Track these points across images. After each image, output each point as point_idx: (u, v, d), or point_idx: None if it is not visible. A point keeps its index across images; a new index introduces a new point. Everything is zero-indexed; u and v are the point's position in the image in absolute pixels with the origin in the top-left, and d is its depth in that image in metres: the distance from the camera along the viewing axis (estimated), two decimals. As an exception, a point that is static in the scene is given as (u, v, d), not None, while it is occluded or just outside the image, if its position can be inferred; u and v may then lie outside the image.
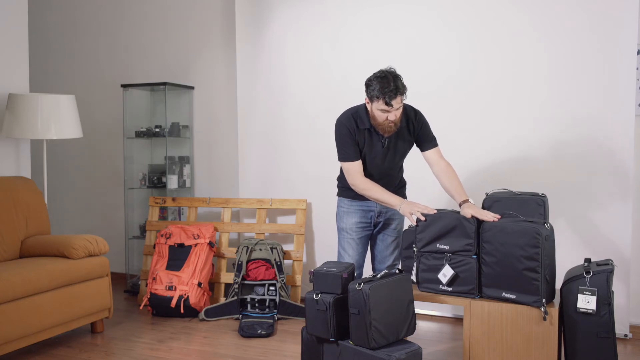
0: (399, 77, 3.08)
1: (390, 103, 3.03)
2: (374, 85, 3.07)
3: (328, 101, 4.59)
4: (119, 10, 5.58)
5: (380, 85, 3.04)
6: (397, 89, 3.03)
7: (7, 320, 3.35)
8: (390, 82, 3.03)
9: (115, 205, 5.61)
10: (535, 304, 2.84)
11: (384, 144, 3.23)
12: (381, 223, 3.39)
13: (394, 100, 3.03)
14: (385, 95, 3.02)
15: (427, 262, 3.10)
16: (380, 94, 3.03)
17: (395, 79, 3.06)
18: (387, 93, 3.02)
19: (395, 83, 3.03)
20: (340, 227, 3.43)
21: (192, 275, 4.44)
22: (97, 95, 5.65)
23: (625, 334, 3.90)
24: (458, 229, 3.01)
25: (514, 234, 2.83)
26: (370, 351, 2.68)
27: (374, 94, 3.06)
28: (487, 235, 2.91)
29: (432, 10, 4.28)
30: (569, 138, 3.96)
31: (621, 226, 3.85)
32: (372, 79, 3.10)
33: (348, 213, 3.38)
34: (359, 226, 3.37)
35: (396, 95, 3.03)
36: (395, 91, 3.02)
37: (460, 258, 2.99)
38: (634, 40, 3.76)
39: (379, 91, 3.03)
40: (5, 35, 4.42)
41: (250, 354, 3.70)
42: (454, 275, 3.00)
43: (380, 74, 3.08)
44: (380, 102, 3.05)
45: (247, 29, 4.86)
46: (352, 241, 3.38)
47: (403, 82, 3.09)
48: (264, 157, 4.90)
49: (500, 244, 2.86)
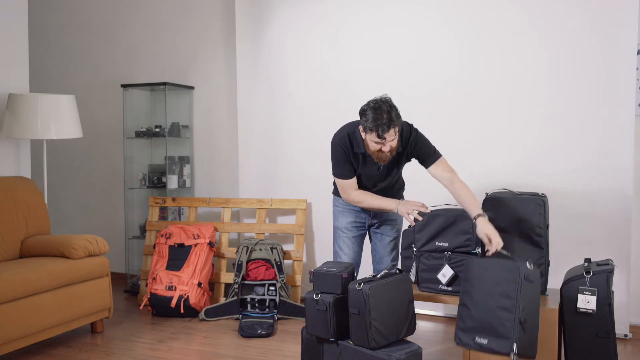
0: (393, 108, 2.93)
1: (383, 136, 2.91)
2: (367, 116, 2.93)
3: (328, 101, 4.60)
4: (119, 10, 5.58)
5: (373, 117, 2.90)
6: (391, 122, 2.89)
7: (7, 320, 3.35)
8: (384, 113, 2.89)
9: (115, 205, 5.61)
10: (504, 349, 2.58)
11: (379, 168, 3.17)
12: (377, 223, 3.39)
13: (386, 133, 2.90)
14: (379, 129, 2.89)
15: (426, 262, 3.10)
16: (373, 127, 2.90)
17: (390, 110, 2.91)
18: (380, 126, 2.88)
19: (389, 114, 2.89)
20: (335, 226, 3.44)
21: (192, 275, 4.44)
22: (97, 95, 5.65)
23: (625, 334, 3.90)
24: (456, 225, 3.02)
25: (493, 269, 2.71)
26: (370, 351, 2.67)
27: (367, 125, 2.93)
28: (465, 269, 2.82)
29: (432, 10, 4.28)
30: (568, 138, 3.96)
31: (621, 226, 3.85)
32: (366, 109, 2.95)
33: (343, 212, 3.38)
34: (354, 225, 3.37)
35: (389, 128, 2.89)
36: (389, 124, 2.89)
37: (460, 257, 2.99)
38: (634, 40, 3.76)
39: (372, 123, 2.90)
40: (5, 35, 4.42)
41: (250, 354, 3.70)
42: (454, 275, 3.00)
43: (374, 105, 2.93)
44: (373, 134, 2.93)
45: (247, 29, 4.86)
46: (347, 240, 3.38)
47: (398, 112, 2.94)
48: (264, 157, 4.90)
49: (477, 278, 2.75)
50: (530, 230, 3.07)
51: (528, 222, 3.08)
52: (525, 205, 3.09)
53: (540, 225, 3.07)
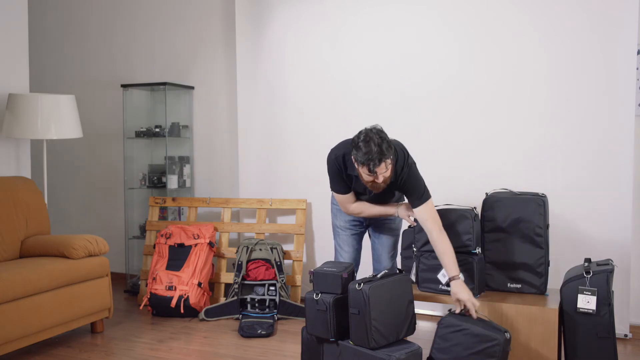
0: (384, 140, 2.82)
1: (374, 171, 2.82)
2: (358, 149, 2.84)
3: (328, 101, 4.60)
4: (119, 10, 5.58)
5: (364, 151, 2.80)
6: (382, 155, 2.79)
7: (7, 320, 3.35)
8: (374, 146, 2.78)
9: (115, 205, 5.61)
10: None
11: (371, 192, 3.12)
12: (374, 223, 3.40)
13: (377, 167, 2.81)
14: (369, 163, 2.80)
15: (426, 262, 3.10)
16: (364, 161, 2.81)
17: (381, 142, 2.80)
18: (371, 160, 2.79)
19: (380, 147, 2.78)
20: (334, 224, 3.44)
21: (192, 275, 4.44)
22: (97, 95, 5.65)
23: (625, 334, 3.90)
24: (457, 225, 3.02)
25: (470, 336, 2.70)
26: (370, 351, 2.67)
27: (358, 159, 2.84)
28: (442, 332, 2.79)
29: (432, 10, 4.28)
30: (568, 138, 3.96)
31: (621, 226, 3.85)
32: (357, 141, 2.85)
33: (340, 210, 3.38)
34: (352, 224, 3.38)
35: (380, 162, 2.80)
36: (380, 157, 2.79)
37: (460, 258, 2.99)
38: (634, 40, 3.76)
39: (363, 157, 2.81)
40: (5, 35, 4.42)
41: (250, 354, 3.70)
42: None
43: (364, 137, 2.83)
44: (364, 168, 2.84)
45: (247, 29, 4.86)
46: (346, 237, 3.39)
47: (389, 143, 2.84)
48: (264, 157, 4.90)
49: (454, 344, 2.74)
50: (530, 230, 3.08)
51: (528, 222, 3.08)
52: (525, 205, 3.10)
53: (540, 225, 3.07)
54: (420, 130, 4.29)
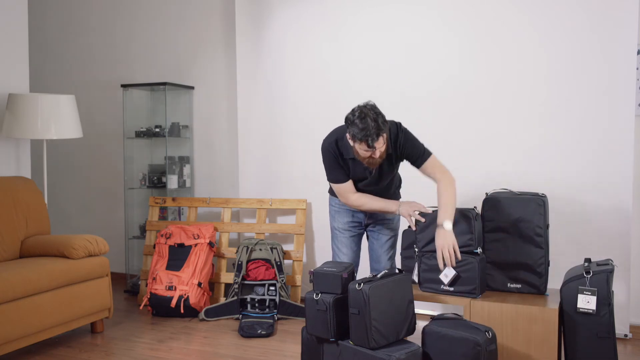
0: (379, 115, 2.87)
1: (373, 146, 2.87)
2: (354, 125, 2.87)
3: (328, 101, 4.60)
4: (118, 10, 5.58)
5: (361, 127, 2.84)
6: (379, 130, 2.84)
7: (7, 320, 3.35)
8: (371, 122, 2.83)
9: (115, 205, 5.61)
10: None
11: (371, 172, 3.15)
12: (373, 222, 3.39)
13: (376, 142, 2.86)
14: (367, 138, 2.84)
15: (428, 262, 3.10)
16: (362, 137, 2.85)
17: (377, 117, 2.85)
18: (369, 136, 2.84)
19: (376, 122, 2.84)
20: (332, 226, 3.43)
21: (192, 275, 4.44)
22: (97, 95, 5.65)
23: (625, 334, 3.90)
24: (458, 225, 3.01)
25: (454, 342, 2.68)
26: (370, 351, 2.67)
27: (356, 135, 2.87)
28: (428, 341, 2.77)
29: (432, 10, 4.28)
30: (568, 138, 3.96)
31: (621, 226, 3.85)
32: (353, 119, 2.88)
33: (339, 212, 3.38)
34: (351, 225, 3.37)
35: (378, 136, 2.85)
36: (377, 132, 2.84)
37: (462, 257, 2.98)
38: (634, 40, 3.76)
39: (360, 133, 2.85)
40: (5, 35, 4.42)
41: (250, 354, 3.70)
42: (456, 276, 3.00)
43: (360, 114, 2.87)
44: (363, 144, 2.89)
45: (247, 29, 4.86)
46: (345, 239, 3.38)
47: (384, 118, 2.89)
48: (264, 157, 4.90)
49: (440, 351, 2.73)
50: (531, 230, 3.07)
51: (528, 222, 3.08)
52: (525, 206, 3.09)
53: (540, 225, 3.07)
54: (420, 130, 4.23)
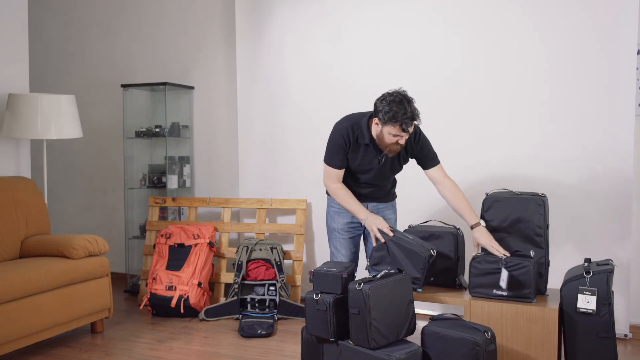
0: (412, 101, 3.00)
1: (407, 129, 2.99)
2: (388, 109, 2.97)
3: (328, 101, 4.60)
4: (118, 10, 5.58)
5: (396, 112, 2.95)
6: (414, 115, 2.97)
7: (7, 320, 3.35)
8: (407, 107, 2.96)
9: (115, 205, 5.61)
10: None
11: (380, 161, 3.20)
12: None
13: (410, 127, 2.98)
14: (403, 123, 2.96)
15: (479, 267, 3.00)
16: (398, 120, 2.96)
17: (409, 103, 2.98)
18: (404, 120, 2.95)
19: (411, 108, 2.97)
20: (331, 227, 3.43)
21: (192, 275, 4.44)
22: (97, 95, 5.65)
23: (625, 334, 3.90)
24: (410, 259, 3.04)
25: (453, 343, 2.69)
26: (370, 351, 2.67)
27: (389, 118, 2.97)
28: (428, 341, 2.77)
29: (432, 9, 4.28)
30: (568, 138, 3.96)
31: (621, 226, 3.85)
32: (386, 103, 2.99)
33: (339, 213, 3.38)
34: (350, 226, 3.37)
35: (412, 121, 2.98)
36: (412, 117, 2.97)
37: (518, 261, 2.92)
38: (634, 40, 3.76)
39: (395, 117, 2.95)
40: (5, 35, 4.42)
41: (250, 354, 3.70)
42: (513, 279, 2.93)
43: (394, 98, 2.98)
44: (396, 127, 2.98)
45: (247, 29, 4.86)
46: (343, 241, 3.38)
47: (415, 104, 3.02)
48: (264, 157, 4.90)
49: (439, 352, 2.73)
50: (531, 230, 3.07)
51: (528, 222, 3.07)
52: (525, 205, 3.09)
53: (540, 225, 3.06)
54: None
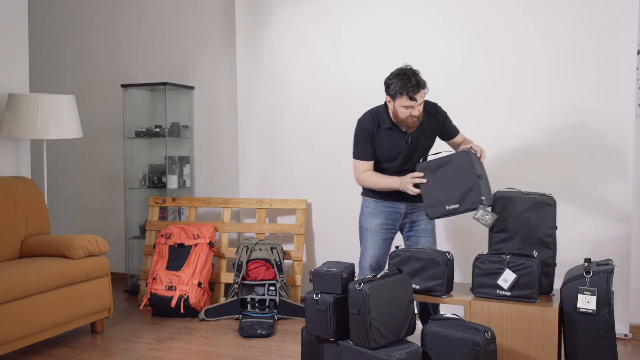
0: (417, 72, 3.16)
1: (414, 97, 3.11)
2: (394, 82, 3.14)
3: (328, 101, 4.60)
4: (118, 10, 5.58)
5: (402, 82, 3.12)
6: (419, 83, 3.12)
7: (7, 320, 3.35)
8: (411, 77, 3.12)
9: (115, 205, 5.61)
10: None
11: (407, 141, 3.29)
12: (407, 224, 3.40)
13: (417, 94, 3.11)
14: (409, 91, 3.10)
15: (482, 266, 3.01)
16: (403, 90, 3.10)
17: (415, 74, 3.14)
18: (410, 88, 3.09)
19: (416, 78, 3.12)
20: (364, 227, 3.44)
21: (192, 275, 4.44)
22: (97, 95, 5.65)
23: (625, 334, 3.90)
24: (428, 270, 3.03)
25: (453, 343, 2.68)
26: (370, 351, 2.67)
27: (397, 90, 3.13)
28: (428, 341, 2.77)
29: (432, 9, 4.28)
30: (568, 138, 3.96)
31: (621, 226, 3.85)
32: (392, 77, 3.18)
33: (374, 214, 3.39)
34: (384, 227, 3.38)
35: (419, 89, 3.11)
36: (417, 85, 3.11)
37: (521, 261, 2.92)
38: (634, 40, 3.76)
39: (402, 87, 3.11)
40: (5, 35, 4.42)
41: (250, 354, 3.70)
42: (516, 280, 2.92)
43: (399, 72, 3.17)
44: (404, 98, 3.12)
45: (247, 29, 4.86)
46: (375, 241, 3.39)
47: (422, 76, 3.17)
48: (264, 156, 4.90)
49: (439, 352, 2.73)
50: (541, 230, 3.06)
51: (540, 222, 3.06)
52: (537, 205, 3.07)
53: (551, 226, 3.06)
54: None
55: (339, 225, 4.61)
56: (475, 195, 3.02)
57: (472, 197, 3.03)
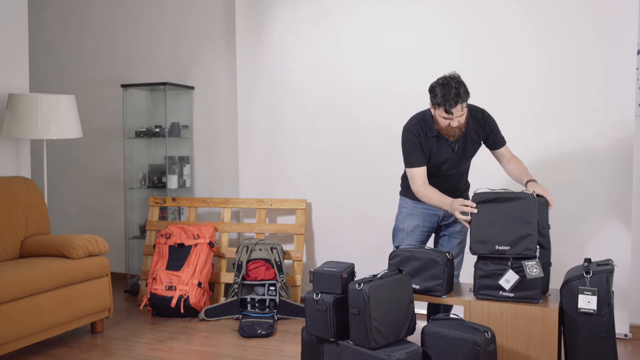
0: (462, 84, 3.04)
1: (450, 111, 3.02)
2: (436, 92, 3.05)
3: (328, 101, 4.60)
4: (119, 10, 5.58)
5: (441, 93, 3.02)
6: (459, 97, 3.00)
7: (7, 320, 3.35)
8: (452, 89, 3.00)
9: (115, 205, 5.61)
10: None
11: (453, 149, 3.22)
12: (443, 226, 3.40)
13: (454, 108, 3.01)
14: (446, 104, 3.01)
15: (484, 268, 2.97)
16: (441, 102, 3.02)
17: (458, 86, 3.02)
18: (447, 101, 3.00)
19: (457, 90, 3.00)
20: (400, 227, 3.42)
21: (192, 275, 4.44)
22: (97, 95, 5.65)
23: (625, 334, 3.90)
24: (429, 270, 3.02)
25: (453, 343, 2.67)
26: (370, 351, 2.67)
27: (436, 101, 3.05)
28: (428, 341, 2.76)
29: (432, 9, 4.28)
30: (568, 138, 3.96)
31: (621, 226, 3.85)
32: (435, 86, 3.07)
33: (412, 215, 3.37)
34: (420, 230, 3.37)
35: (457, 103, 3.00)
36: (456, 99, 2.99)
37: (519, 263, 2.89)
38: (634, 40, 3.76)
39: (440, 99, 3.02)
40: (5, 35, 4.42)
41: (250, 354, 3.70)
42: (518, 281, 2.89)
43: (443, 81, 3.05)
44: (441, 109, 3.04)
45: (247, 29, 4.86)
46: (408, 242, 3.37)
47: (466, 88, 3.05)
48: (264, 156, 4.90)
49: (439, 352, 2.72)
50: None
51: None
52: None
53: (545, 225, 3.06)
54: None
55: (339, 225, 4.62)
56: (530, 243, 2.86)
57: (526, 243, 2.87)
